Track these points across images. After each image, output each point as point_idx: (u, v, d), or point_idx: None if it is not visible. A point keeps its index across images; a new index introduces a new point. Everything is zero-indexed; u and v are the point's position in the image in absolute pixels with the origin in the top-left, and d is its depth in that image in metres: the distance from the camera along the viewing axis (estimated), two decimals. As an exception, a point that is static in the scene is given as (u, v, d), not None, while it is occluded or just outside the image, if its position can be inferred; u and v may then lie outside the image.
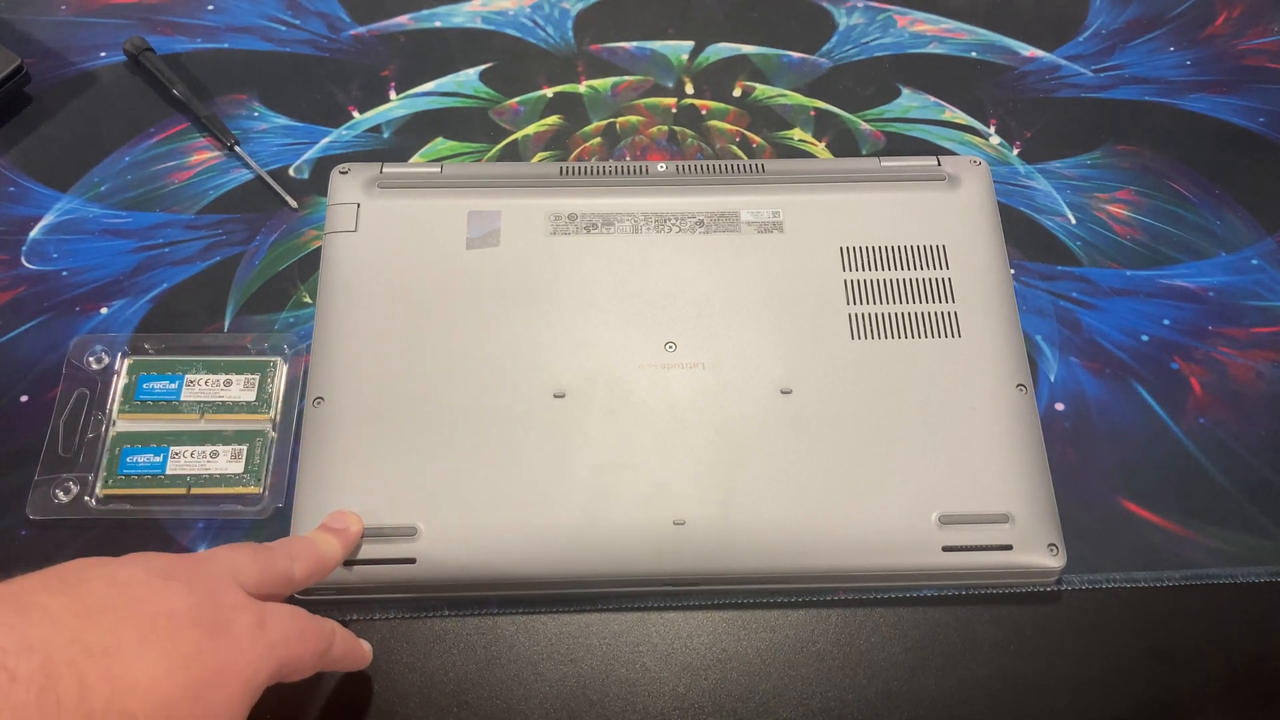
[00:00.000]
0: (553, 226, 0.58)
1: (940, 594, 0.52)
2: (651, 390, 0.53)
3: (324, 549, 0.46)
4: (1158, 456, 0.56)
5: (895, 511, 0.51)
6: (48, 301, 0.59)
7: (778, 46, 0.71)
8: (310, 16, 0.72)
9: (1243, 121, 0.68)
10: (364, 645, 0.47)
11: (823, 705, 0.49)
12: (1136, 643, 0.51)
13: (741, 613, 0.51)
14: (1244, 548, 0.53)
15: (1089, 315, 0.60)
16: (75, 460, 0.54)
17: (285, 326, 0.59)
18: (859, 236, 0.58)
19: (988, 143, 0.67)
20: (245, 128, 0.66)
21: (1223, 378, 0.58)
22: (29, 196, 0.63)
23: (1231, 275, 0.62)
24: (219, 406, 0.55)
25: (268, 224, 0.63)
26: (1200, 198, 0.65)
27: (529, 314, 0.56)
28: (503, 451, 0.52)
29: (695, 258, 0.58)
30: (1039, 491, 0.52)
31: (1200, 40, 0.72)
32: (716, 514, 0.50)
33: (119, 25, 0.71)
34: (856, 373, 0.54)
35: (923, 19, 0.73)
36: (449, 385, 0.53)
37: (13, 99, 0.66)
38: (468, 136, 0.67)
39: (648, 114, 0.68)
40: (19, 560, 0.52)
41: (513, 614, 0.51)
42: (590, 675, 0.50)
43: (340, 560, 0.47)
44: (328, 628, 0.43)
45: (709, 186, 0.60)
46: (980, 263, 0.58)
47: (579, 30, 0.72)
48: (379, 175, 0.60)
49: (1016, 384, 0.54)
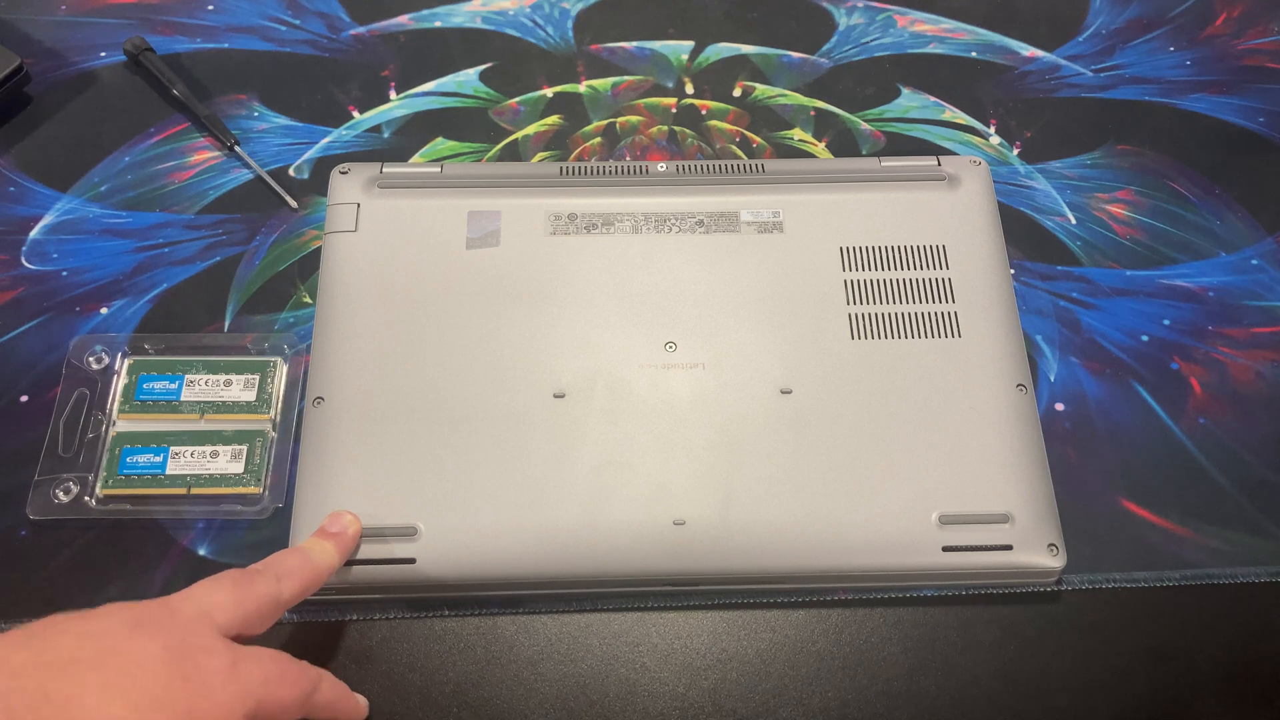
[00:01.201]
0: (553, 226, 0.58)
1: (940, 594, 0.52)
2: (651, 390, 0.53)
3: (318, 559, 0.46)
4: (1158, 456, 0.56)
5: (895, 511, 0.51)
6: (48, 301, 0.59)
7: (778, 46, 0.71)
8: (310, 16, 0.72)
9: (1243, 121, 0.68)
10: (358, 699, 0.47)
11: (823, 705, 0.49)
12: (1136, 643, 0.51)
13: (741, 613, 0.51)
14: (1244, 548, 0.53)
15: (1089, 315, 0.60)
16: (75, 460, 0.54)
17: (285, 326, 0.59)
18: (859, 236, 0.58)
19: (988, 143, 0.67)
20: (245, 128, 0.66)
21: (1223, 378, 0.58)
22: (29, 196, 0.63)
23: (1231, 275, 0.62)
24: (219, 406, 0.55)
25: (268, 224, 0.63)
26: (1200, 198, 0.65)
27: (529, 314, 0.56)
28: (503, 451, 0.52)
29: (695, 258, 0.58)
30: (1039, 491, 0.52)
31: (1200, 40, 0.72)
32: (716, 514, 0.50)
33: (119, 25, 0.71)
34: (856, 373, 0.54)
35: (923, 19, 0.73)
36: (449, 385, 0.53)
37: (13, 99, 0.66)
38: (468, 136, 0.67)
39: (648, 114, 0.68)
40: (19, 560, 0.52)
41: (513, 614, 0.51)
42: (590, 675, 0.50)
43: (338, 565, 0.47)
44: (312, 673, 0.42)
45: (709, 186, 0.60)
46: (980, 263, 0.58)
47: (579, 30, 0.72)
48: (379, 175, 0.60)
49: (1016, 384, 0.54)
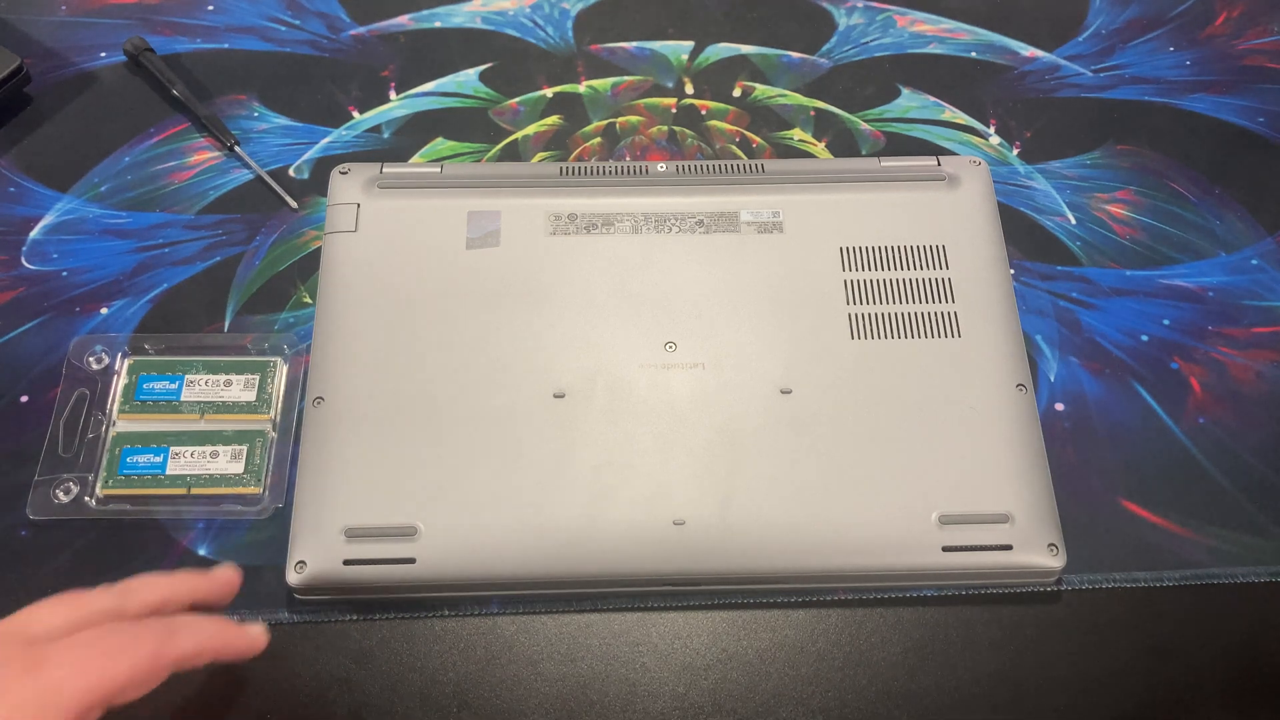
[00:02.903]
0: (553, 226, 0.58)
1: (940, 594, 0.52)
2: (651, 390, 0.53)
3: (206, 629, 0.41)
4: (1158, 456, 0.55)
5: (895, 511, 0.51)
6: (48, 301, 0.59)
7: (778, 46, 0.71)
8: (310, 16, 0.72)
9: (1243, 121, 0.68)
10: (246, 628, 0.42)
11: (823, 705, 0.49)
12: (1136, 643, 0.51)
13: (741, 613, 0.51)
14: (1244, 548, 0.53)
15: (1089, 315, 0.60)
16: (75, 460, 0.54)
17: (285, 326, 0.59)
18: (859, 236, 0.58)
19: (988, 143, 0.67)
20: (245, 128, 0.66)
21: (1223, 378, 0.58)
22: (29, 196, 0.63)
23: (1231, 275, 0.62)
24: (219, 407, 0.55)
25: (268, 224, 0.63)
26: (1200, 198, 0.65)
27: (529, 314, 0.56)
28: (503, 451, 0.52)
29: (695, 258, 0.58)
30: (1039, 491, 0.52)
31: (1200, 40, 0.72)
32: (716, 514, 0.50)
33: (119, 25, 0.71)
34: (856, 373, 0.54)
35: (923, 19, 0.73)
36: (449, 385, 0.53)
37: (13, 99, 0.66)
38: (468, 136, 0.67)
39: (648, 114, 0.68)
40: (19, 560, 0.52)
41: (513, 614, 0.51)
42: (590, 675, 0.50)
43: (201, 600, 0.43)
44: (149, 632, 0.38)
45: (709, 186, 0.60)
46: (980, 263, 0.58)
47: (579, 30, 0.72)
48: (379, 175, 0.60)
49: (1016, 384, 0.54)
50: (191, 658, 0.40)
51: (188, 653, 0.39)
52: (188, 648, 0.39)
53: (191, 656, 0.40)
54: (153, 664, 0.38)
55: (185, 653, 0.39)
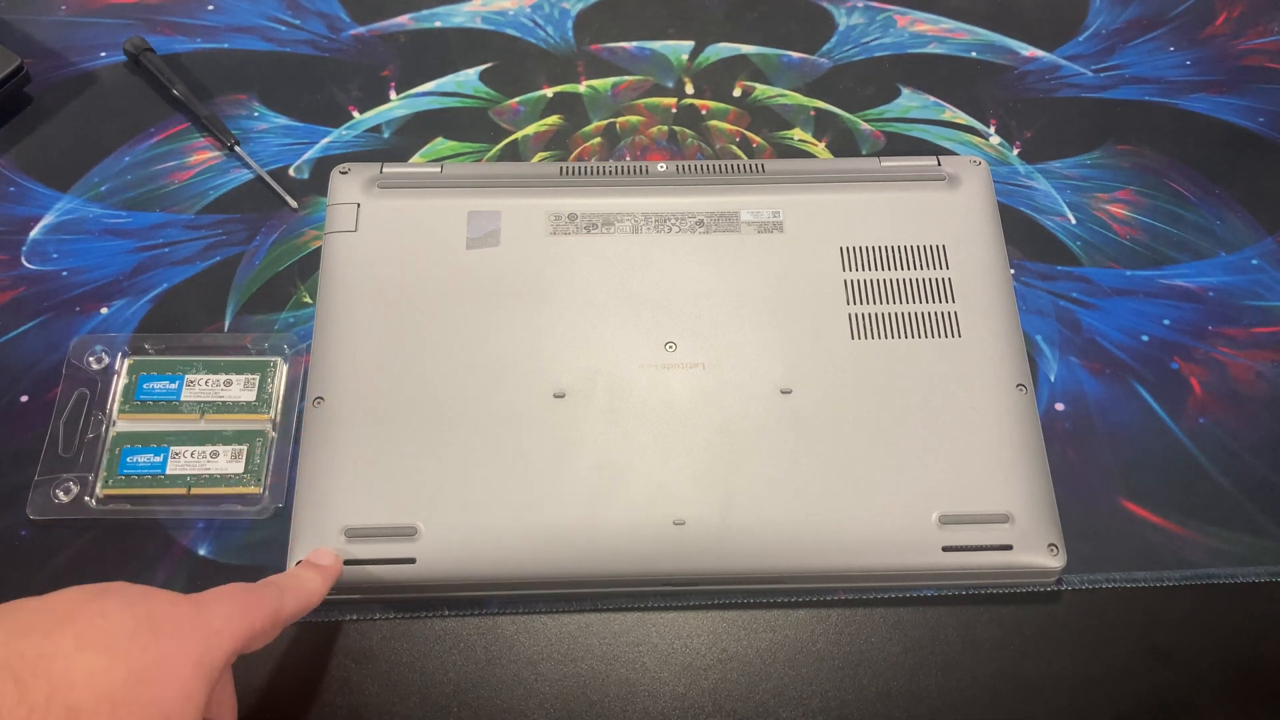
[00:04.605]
0: (553, 226, 0.58)
1: (940, 594, 0.52)
2: (651, 390, 0.53)
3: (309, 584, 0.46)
4: (1158, 456, 0.56)
5: (895, 511, 0.51)
6: (48, 301, 0.59)
7: (778, 46, 0.71)
8: (310, 16, 0.72)
9: (1243, 121, 0.68)
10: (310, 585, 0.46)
11: (823, 705, 0.49)
12: (1136, 643, 0.51)
13: (741, 613, 0.51)
14: (1244, 548, 0.53)
15: (1089, 315, 0.60)
16: (75, 460, 0.54)
17: (285, 326, 0.59)
18: (859, 236, 0.58)
19: (988, 143, 0.67)
20: (245, 128, 0.66)
21: (1223, 378, 0.58)
22: (29, 196, 0.63)
23: (1231, 275, 0.62)
24: (219, 406, 0.55)
25: (268, 224, 0.63)
26: (1200, 198, 0.65)
27: (529, 314, 0.56)
28: (503, 451, 0.52)
29: (695, 258, 0.58)
30: (1039, 491, 0.52)
31: (1200, 40, 0.72)
32: (716, 514, 0.50)
33: (119, 25, 0.71)
34: (856, 373, 0.54)
35: (923, 19, 0.73)
36: (449, 385, 0.53)
37: (13, 99, 0.66)
38: (468, 136, 0.67)
39: (648, 114, 0.68)
40: (19, 560, 0.52)
41: (513, 614, 0.51)
42: (590, 675, 0.50)
43: (323, 595, 0.46)
44: (272, 592, 0.43)
45: (709, 186, 0.60)
46: (980, 263, 0.58)
47: (579, 30, 0.72)
48: (379, 175, 0.60)
49: (1016, 384, 0.54)
50: (298, 614, 0.44)
51: (296, 610, 0.44)
52: (296, 606, 0.44)
53: (298, 614, 0.44)
54: (275, 620, 0.42)
55: (295, 611, 0.44)
